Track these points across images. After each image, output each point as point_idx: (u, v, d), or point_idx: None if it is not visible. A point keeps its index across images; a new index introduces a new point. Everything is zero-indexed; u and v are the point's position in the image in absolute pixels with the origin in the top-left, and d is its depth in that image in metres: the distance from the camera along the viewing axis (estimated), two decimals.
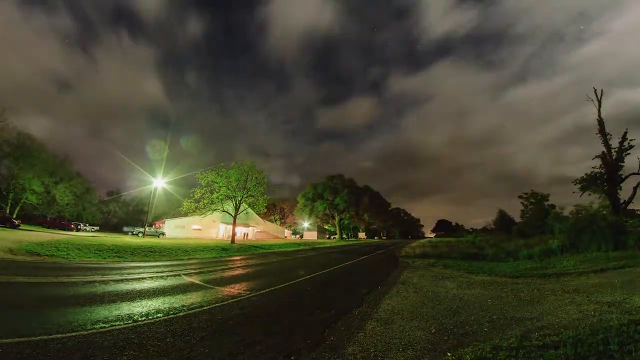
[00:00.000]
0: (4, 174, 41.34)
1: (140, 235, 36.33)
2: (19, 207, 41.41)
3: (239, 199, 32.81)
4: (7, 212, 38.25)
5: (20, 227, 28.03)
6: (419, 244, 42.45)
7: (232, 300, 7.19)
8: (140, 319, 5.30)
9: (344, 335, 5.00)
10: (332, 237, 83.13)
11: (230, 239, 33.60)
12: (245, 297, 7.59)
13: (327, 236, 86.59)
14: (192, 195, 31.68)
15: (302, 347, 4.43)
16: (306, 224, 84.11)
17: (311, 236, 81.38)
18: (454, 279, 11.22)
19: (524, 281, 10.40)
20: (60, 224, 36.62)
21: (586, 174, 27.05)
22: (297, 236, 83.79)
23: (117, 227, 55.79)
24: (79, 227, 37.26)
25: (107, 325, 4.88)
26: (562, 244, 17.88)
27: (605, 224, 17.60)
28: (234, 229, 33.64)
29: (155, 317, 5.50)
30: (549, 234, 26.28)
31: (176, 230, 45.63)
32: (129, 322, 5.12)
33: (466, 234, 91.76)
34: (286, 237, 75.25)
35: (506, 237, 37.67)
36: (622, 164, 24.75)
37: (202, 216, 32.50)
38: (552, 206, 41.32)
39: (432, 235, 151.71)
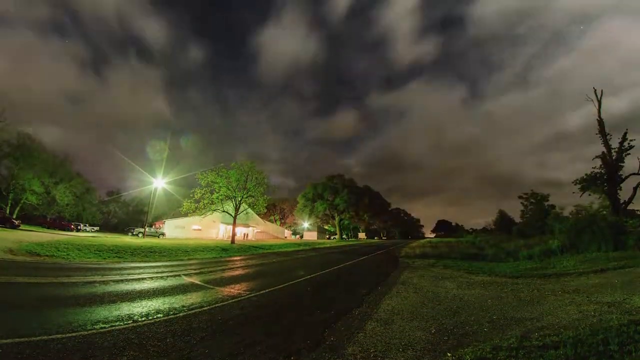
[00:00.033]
0: (4, 174, 41.36)
1: (140, 235, 36.33)
2: (19, 208, 41.41)
3: (239, 199, 32.81)
4: (7, 212, 38.25)
5: (20, 228, 28.03)
6: (419, 244, 42.46)
7: (232, 300, 7.19)
8: (140, 320, 5.30)
9: (344, 335, 5.00)
10: (332, 238, 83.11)
11: (230, 239, 33.60)
12: (245, 297, 7.60)
13: (327, 236, 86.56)
14: (192, 195, 31.69)
15: (302, 347, 4.43)
16: (306, 224, 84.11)
17: (311, 236, 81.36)
18: (454, 279, 11.22)
19: (524, 281, 10.41)
20: (60, 224, 36.63)
21: (586, 174, 27.06)
22: (297, 236, 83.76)
23: (117, 228, 55.79)
24: (79, 228, 37.24)
25: (107, 325, 4.88)
26: (562, 244, 17.88)
27: (605, 224, 17.61)
28: (234, 229, 33.64)
29: (155, 317, 5.50)
30: (549, 234, 26.27)
31: (176, 230, 45.62)
32: (129, 322, 5.12)
33: (466, 234, 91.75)
34: (286, 237, 75.24)
35: (506, 237, 37.66)
36: (622, 164, 24.77)
37: (202, 216, 32.51)
38: (552, 206, 41.33)
39: (432, 235, 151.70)
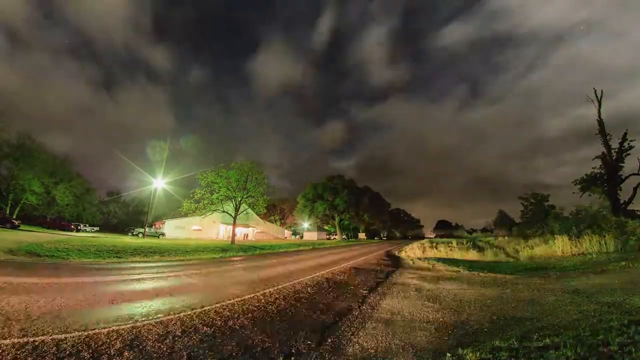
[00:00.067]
0: (4, 174, 41.37)
1: (140, 235, 36.32)
2: (19, 208, 41.41)
3: (239, 200, 32.79)
4: (7, 212, 38.27)
5: (20, 228, 28.04)
6: (420, 244, 42.39)
7: (232, 300, 7.18)
8: (140, 320, 5.29)
9: (345, 335, 5.00)
10: (332, 238, 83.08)
11: (230, 240, 33.59)
12: (245, 297, 7.59)
13: (327, 237, 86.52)
14: (192, 195, 31.67)
15: (302, 347, 4.43)
16: (306, 225, 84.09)
17: (311, 237, 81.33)
18: (453, 280, 11.22)
19: (524, 281, 10.40)
20: (60, 224, 36.63)
21: (586, 174, 27.09)
22: (297, 237, 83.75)
23: (117, 228, 55.77)
24: (79, 228, 37.25)
25: (106, 325, 4.88)
26: (562, 245, 17.85)
27: (605, 224, 17.61)
28: (233, 230, 33.62)
29: (155, 317, 5.50)
30: (549, 235, 26.23)
31: (176, 230, 45.62)
32: (129, 322, 5.11)
33: (466, 234, 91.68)
34: (286, 237, 75.24)
35: (506, 237, 37.62)
36: (622, 165, 24.78)
37: (202, 217, 32.47)
38: (552, 207, 41.25)
39: (433, 235, 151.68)
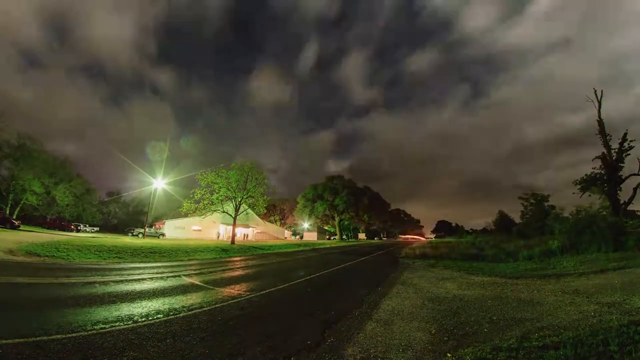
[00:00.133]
0: (4, 174, 41.37)
1: (140, 236, 36.32)
2: (19, 208, 41.40)
3: (239, 200, 32.79)
4: (7, 213, 38.25)
5: (20, 228, 28.04)
6: (419, 245, 42.43)
7: (232, 301, 7.18)
8: (140, 320, 5.30)
9: (344, 336, 5.00)
10: (332, 238, 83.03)
11: (230, 240, 33.58)
12: (245, 298, 7.59)
13: (327, 237, 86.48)
14: (192, 196, 31.68)
15: (302, 347, 4.43)
16: (306, 225, 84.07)
17: (311, 237, 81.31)
18: (454, 280, 11.22)
19: (524, 282, 10.40)
20: (60, 224, 36.67)
21: (586, 175, 27.07)
22: (297, 237, 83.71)
23: (117, 228, 55.76)
24: (79, 228, 37.27)
25: (107, 326, 4.88)
26: (562, 245, 17.85)
27: (605, 224, 17.59)
28: (233, 230, 33.62)
29: (155, 317, 5.50)
30: (549, 235, 26.23)
31: (176, 231, 45.61)
32: (129, 323, 5.12)
33: (466, 234, 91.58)
34: (286, 237, 75.22)
35: (506, 237, 37.59)
36: (622, 165, 24.76)
37: (202, 217, 32.47)
38: (552, 207, 41.26)
39: (432, 236, 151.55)
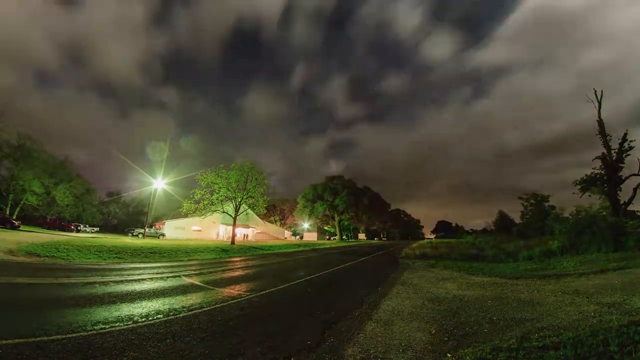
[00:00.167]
0: (4, 175, 41.35)
1: (140, 236, 36.31)
2: (19, 208, 41.38)
3: (239, 200, 32.79)
4: (7, 213, 38.25)
5: (20, 228, 28.04)
6: (419, 245, 42.41)
7: (232, 301, 7.18)
8: (140, 320, 5.29)
9: (344, 336, 5.00)
10: (332, 238, 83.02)
11: (230, 240, 33.58)
12: (245, 298, 7.59)
13: (327, 237, 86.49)
14: (192, 196, 31.68)
15: (302, 348, 4.43)
16: (306, 225, 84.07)
17: (311, 237, 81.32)
18: (454, 280, 11.21)
19: (524, 282, 10.40)
20: (60, 225, 36.65)
21: (586, 175, 27.07)
22: (297, 237, 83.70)
23: (117, 228, 55.75)
24: (79, 228, 37.26)
25: (107, 326, 4.88)
26: (562, 245, 17.85)
27: (605, 225, 17.58)
28: (233, 230, 33.62)
29: (155, 318, 5.50)
30: (548, 235, 26.22)
31: (176, 231, 45.61)
32: (129, 323, 5.12)
33: (466, 235, 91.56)
34: (286, 238, 75.18)
35: (506, 238, 37.59)
36: (622, 165, 24.76)
37: (202, 217, 32.47)
38: (552, 207, 41.27)
39: (432, 236, 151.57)
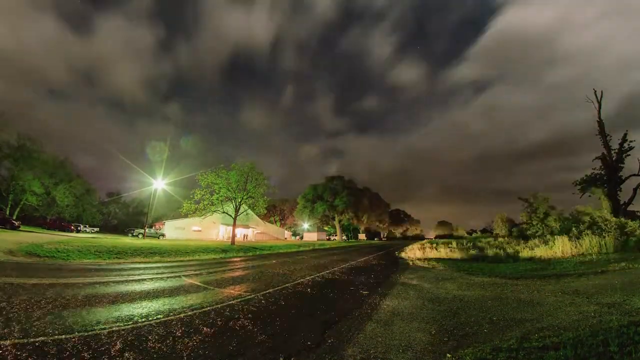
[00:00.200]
0: (4, 175, 41.38)
1: (140, 236, 36.32)
2: (19, 209, 41.41)
3: (239, 201, 32.79)
4: (7, 213, 38.27)
5: (20, 229, 28.04)
6: (420, 245, 42.36)
7: (232, 301, 7.18)
8: (140, 321, 5.29)
9: (344, 336, 5.00)
10: (332, 239, 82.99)
11: (230, 241, 33.58)
12: (245, 298, 7.59)
13: (327, 237, 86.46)
14: (192, 196, 31.68)
15: (302, 348, 4.43)
16: (306, 225, 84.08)
17: (311, 237, 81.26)
18: (454, 280, 11.21)
19: (524, 282, 10.39)
20: (60, 225, 36.68)
21: (586, 175, 27.06)
22: (297, 237, 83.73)
23: (117, 229, 55.76)
24: (79, 229, 37.28)
25: (106, 326, 4.88)
26: (562, 246, 17.84)
27: (605, 225, 17.60)
28: (233, 231, 33.61)
29: (155, 318, 5.50)
30: (549, 236, 26.21)
31: (176, 231, 45.61)
32: (129, 323, 5.12)
33: (466, 235, 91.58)
34: (286, 238, 75.18)
35: (506, 238, 37.60)
36: (622, 165, 24.77)
37: (202, 217, 32.47)
38: (552, 207, 41.29)
39: (433, 236, 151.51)
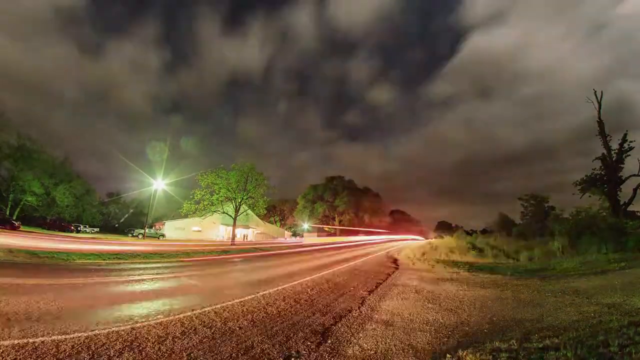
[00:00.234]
0: (3, 175, 41.36)
1: (140, 236, 36.30)
2: (18, 209, 41.37)
3: (239, 201, 32.79)
4: (7, 213, 38.25)
5: (20, 229, 28.04)
6: (420, 245, 42.37)
7: (232, 301, 7.18)
8: (140, 321, 5.29)
9: (344, 337, 5.00)
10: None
11: (230, 241, 33.57)
12: (245, 298, 7.59)
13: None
14: (192, 196, 31.71)
15: (302, 348, 4.43)
16: (306, 226, 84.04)
17: (311, 237, 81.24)
18: (453, 281, 11.21)
19: (524, 282, 10.39)
20: (60, 225, 36.66)
21: (586, 175, 27.04)
22: (297, 238, 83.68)
23: (117, 229, 55.72)
24: (79, 229, 37.27)
25: (106, 327, 4.87)
26: (562, 246, 17.86)
27: (605, 225, 17.61)
28: (233, 231, 33.62)
29: (155, 318, 5.49)
30: (549, 236, 26.23)
31: (176, 231, 45.62)
32: (129, 323, 5.11)
33: (466, 235, 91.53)
34: (286, 238, 75.16)
35: (506, 238, 37.60)
36: (622, 166, 24.76)
37: (202, 218, 32.49)
38: (552, 208, 41.32)
39: (433, 236, 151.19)
